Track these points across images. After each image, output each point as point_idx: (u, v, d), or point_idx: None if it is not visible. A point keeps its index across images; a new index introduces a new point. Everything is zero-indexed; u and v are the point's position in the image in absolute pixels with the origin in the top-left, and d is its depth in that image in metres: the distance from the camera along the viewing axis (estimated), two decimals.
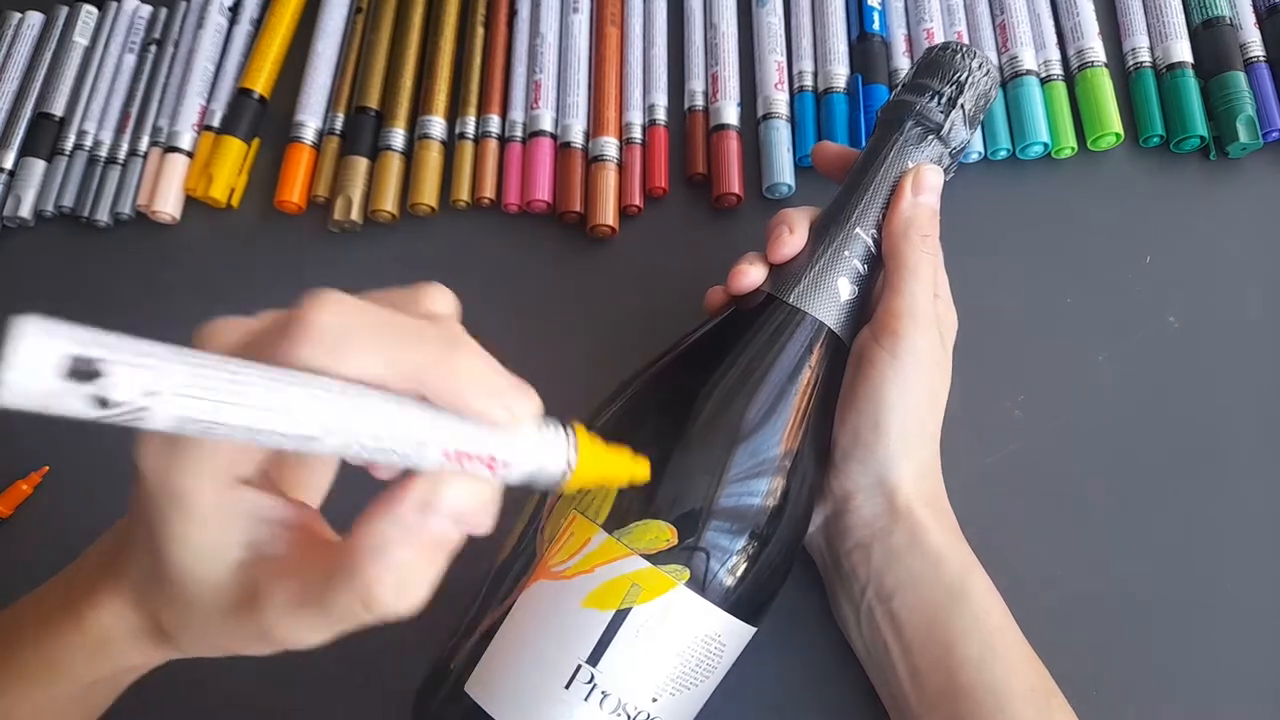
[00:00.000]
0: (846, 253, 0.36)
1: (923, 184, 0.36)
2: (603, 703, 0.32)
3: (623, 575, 0.32)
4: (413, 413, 0.21)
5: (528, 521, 0.36)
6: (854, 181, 0.37)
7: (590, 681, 0.32)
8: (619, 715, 0.32)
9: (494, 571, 0.36)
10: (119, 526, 0.29)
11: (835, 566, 0.38)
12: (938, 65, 0.37)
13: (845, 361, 0.37)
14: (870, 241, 0.36)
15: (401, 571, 0.22)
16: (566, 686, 0.32)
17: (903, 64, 0.49)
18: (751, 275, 0.37)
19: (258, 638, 0.25)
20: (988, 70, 0.37)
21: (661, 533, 0.32)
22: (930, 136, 0.36)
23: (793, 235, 0.37)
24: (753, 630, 0.35)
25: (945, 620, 0.35)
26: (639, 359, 0.38)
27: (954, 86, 0.36)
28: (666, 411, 0.35)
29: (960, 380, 0.39)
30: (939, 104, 0.36)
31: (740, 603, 0.34)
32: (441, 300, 0.25)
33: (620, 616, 0.32)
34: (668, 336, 0.38)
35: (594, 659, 0.32)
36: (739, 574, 0.33)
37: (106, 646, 0.28)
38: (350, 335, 0.21)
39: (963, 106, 0.36)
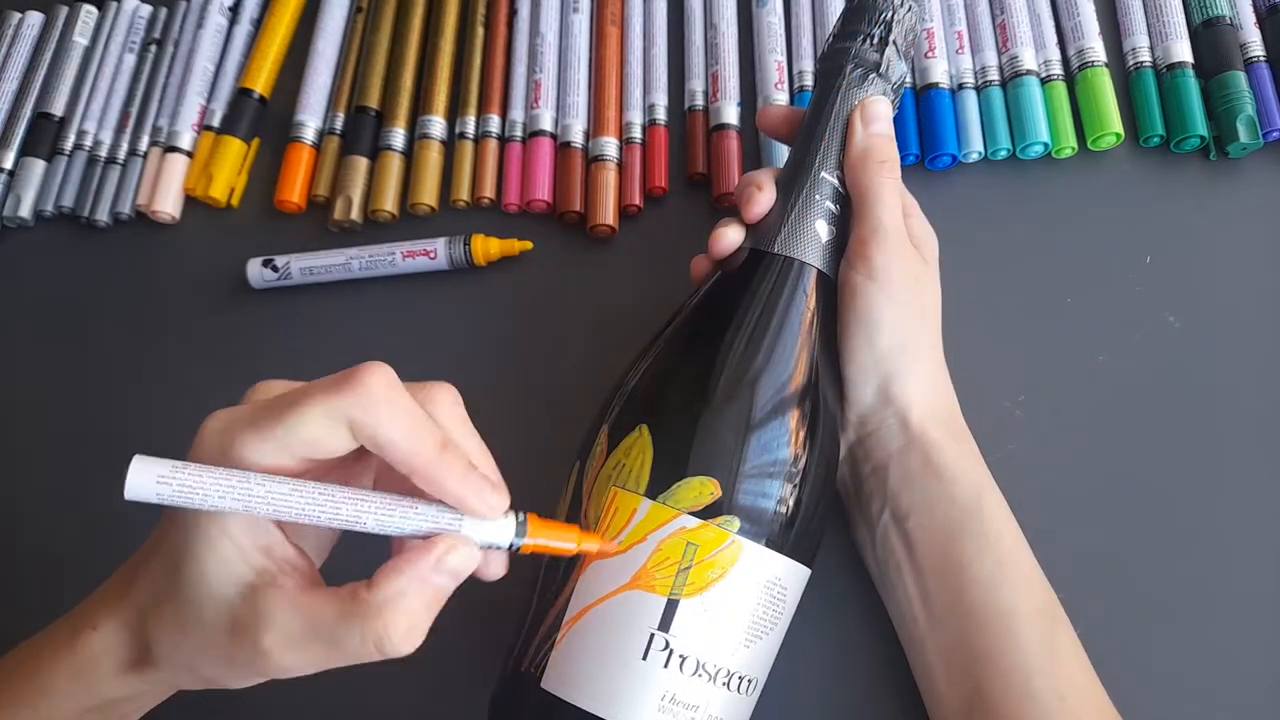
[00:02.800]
0: (817, 196, 0.38)
1: (870, 115, 0.38)
2: (682, 666, 0.33)
3: (676, 536, 0.33)
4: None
5: (568, 510, 0.36)
6: (809, 132, 0.39)
7: (666, 648, 0.33)
8: (700, 675, 0.33)
9: (545, 566, 0.36)
10: (131, 562, 0.31)
11: (856, 492, 0.39)
12: (863, 10, 0.39)
13: None
14: (836, 181, 0.38)
15: (412, 617, 0.26)
16: (643, 658, 0.33)
17: (902, 64, 0.49)
18: (730, 236, 0.38)
19: (250, 661, 0.27)
20: (910, 7, 0.39)
21: (705, 487, 0.33)
22: (871, 75, 0.39)
23: (762, 192, 0.38)
24: (808, 572, 0.36)
25: (958, 541, 0.35)
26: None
27: (883, 26, 0.39)
28: (682, 377, 0.36)
29: (960, 380, 0.39)
30: (872, 45, 0.39)
31: (792, 542, 0.35)
32: (449, 398, 0.30)
33: (682, 576, 0.33)
34: None
35: (665, 625, 0.33)
36: (785, 513, 0.34)
37: (94, 671, 0.29)
38: (387, 406, 0.26)
39: (894, 43, 0.39)
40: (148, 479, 0.25)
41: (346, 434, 0.26)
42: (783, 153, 0.48)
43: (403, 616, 0.26)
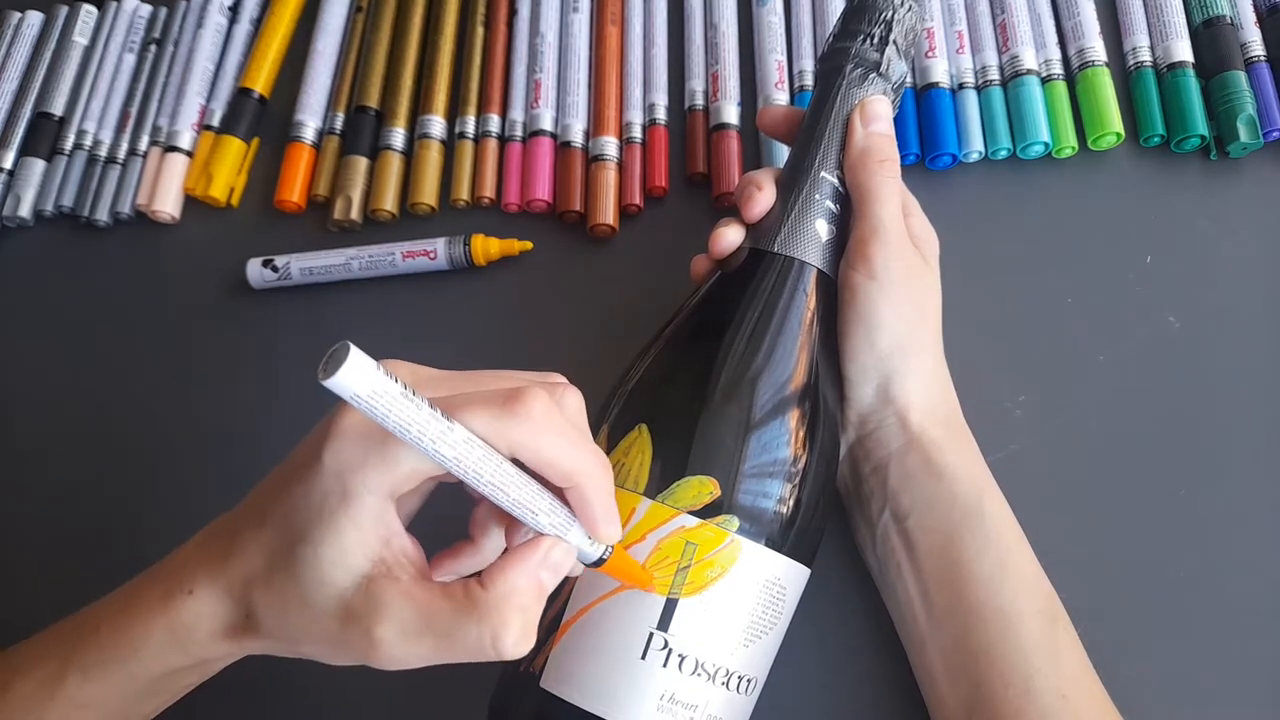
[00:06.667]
0: (817, 196, 0.38)
1: (870, 115, 0.38)
2: (681, 665, 0.33)
3: (675, 536, 0.33)
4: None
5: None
6: (809, 131, 0.39)
7: (665, 647, 0.33)
8: (699, 675, 0.33)
9: None
10: (221, 525, 0.31)
11: (856, 491, 0.39)
12: (863, 9, 0.39)
13: None
14: (836, 181, 0.38)
15: (526, 615, 0.27)
16: (643, 657, 0.33)
17: (903, 64, 0.49)
18: (730, 236, 0.38)
19: (360, 649, 0.27)
20: (910, 6, 0.39)
21: (704, 486, 0.33)
22: (871, 75, 0.39)
23: (762, 192, 0.38)
24: (808, 571, 0.36)
25: (958, 540, 0.35)
26: None
27: (883, 26, 0.38)
28: (682, 375, 0.36)
29: (960, 380, 0.39)
30: (872, 44, 0.39)
31: (791, 542, 0.35)
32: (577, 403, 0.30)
33: (681, 575, 0.33)
34: None
35: (664, 624, 0.33)
36: (784, 512, 0.34)
37: (189, 634, 0.29)
38: (548, 430, 0.27)
39: (895, 42, 0.39)
40: (359, 383, 0.23)
41: (504, 451, 0.27)
42: (783, 153, 0.48)
43: (517, 614, 0.26)
